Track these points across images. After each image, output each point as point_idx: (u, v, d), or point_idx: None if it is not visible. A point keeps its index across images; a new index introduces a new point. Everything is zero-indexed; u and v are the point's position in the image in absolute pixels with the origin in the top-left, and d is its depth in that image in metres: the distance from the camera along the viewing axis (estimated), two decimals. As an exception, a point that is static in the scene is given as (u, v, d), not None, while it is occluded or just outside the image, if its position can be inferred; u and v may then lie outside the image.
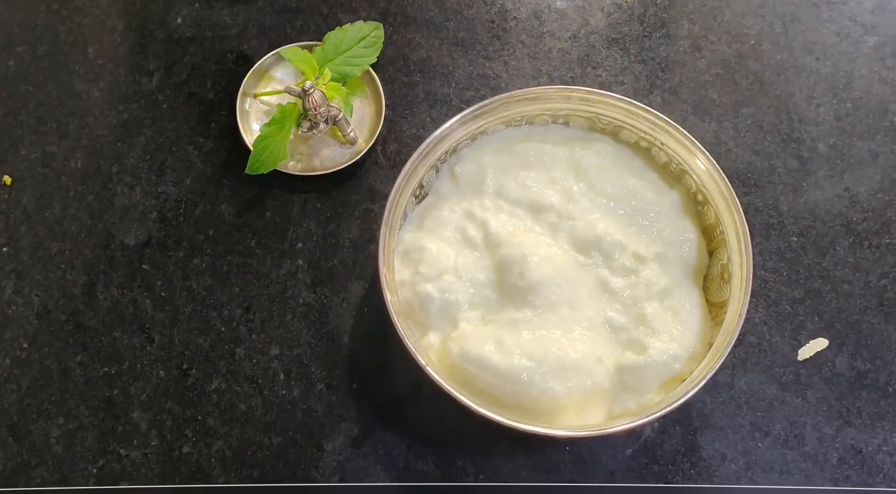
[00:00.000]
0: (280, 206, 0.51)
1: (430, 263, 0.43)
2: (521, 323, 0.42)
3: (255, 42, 0.55)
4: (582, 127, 0.47)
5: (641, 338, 0.42)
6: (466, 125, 0.44)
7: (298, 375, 0.47)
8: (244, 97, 0.53)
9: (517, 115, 0.45)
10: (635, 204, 0.45)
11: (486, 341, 0.41)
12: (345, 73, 0.52)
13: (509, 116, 0.45)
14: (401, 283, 0.43)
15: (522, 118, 0.46)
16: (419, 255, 0.43)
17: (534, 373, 0.40)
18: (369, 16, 0.56)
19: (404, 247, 0.44)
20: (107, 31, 0.56)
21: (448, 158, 0.45)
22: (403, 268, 0.43)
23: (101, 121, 0.53)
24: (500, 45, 0.56)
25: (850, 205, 0.51)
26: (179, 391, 0.47)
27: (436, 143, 0.43)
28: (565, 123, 0.47)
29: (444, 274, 0.43)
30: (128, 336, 0.48)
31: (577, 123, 0.47)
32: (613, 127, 0.46)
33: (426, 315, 0.42)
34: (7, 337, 0.48)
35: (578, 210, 0.44)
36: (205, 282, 0.49)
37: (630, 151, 0.46)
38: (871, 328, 0.48)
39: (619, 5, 0.57)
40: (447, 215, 0.44)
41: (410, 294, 0.42)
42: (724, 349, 0.39)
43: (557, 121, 0.47)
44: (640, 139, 0.46)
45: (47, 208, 0.51)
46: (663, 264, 0.44)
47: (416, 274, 0.43)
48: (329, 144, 0.52)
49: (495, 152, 0.46)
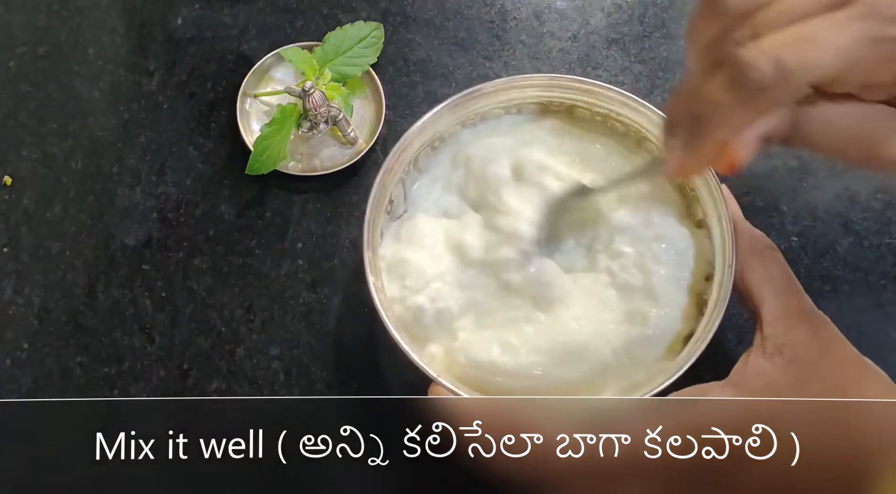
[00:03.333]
0: (280, 206, 0.51)
1: (414, 274, 0.42)
2: (521, 319, 0.42)
3: (255, 42, 0.55)
4: (533, 112, 0.47)
5: (643, 308, 0.42)
6: (425, 132, 0.44)
7: (299, 375, 0.47)
8: (244, 98, 0.53)
9: (471, 113, 0.45)
10: (604, 165, 0.45)
11: (492, 346, 0.41)
12: (345, 73, 0.52)
13: (465, 115, 0.45)
14: (391, 299, 0.42)
15: (476, 116, 0.46)
16: (403, 268, 0.43)
17: (545, 366, 0.40)
18: (369, 16, 0.56)
19: (386, 262, 0.43)
20: (107, 32, 0.56)
21: (411, 170, 0.45)
22: (390, 284, 0.43)
23: (102, 121, 0.53)
24: (500, 45, 0.56)
25: (850, 205, 0.51)
26: (179, 391, 0.47)
27: (398, 155, 0.43)
28: (518, 111, 0.47)
29: (432, 282, 0.42)
30: (128, 337, 0.48)
31: (529, 109, 0.47)
32: (566, 107, 0.46)
33: (422, 327, 0.42)
34: (7, 338, 0.48)
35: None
36: (205, 282, 0.49)
37: (587, 125, 0.46)
38: (871, 328, 0.48)
39: (619, 5, 0.57)
40: (423, 225, 0.44)
41: (402, 309, 0.42)
42: (721, 306, 0.39)
43: (510, 112, 0.46)
44: (594, 114, 0.46)
45: (48, 209, 0.51)
46: (646, 220, 0.44)
47: (404, 288, 0.42)
48: (329, 145, 0.52)
49: (453, 158, 0.46)
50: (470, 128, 0.46)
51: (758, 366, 0.37)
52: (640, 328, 0.41)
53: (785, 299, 0.38)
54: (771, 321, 0.38)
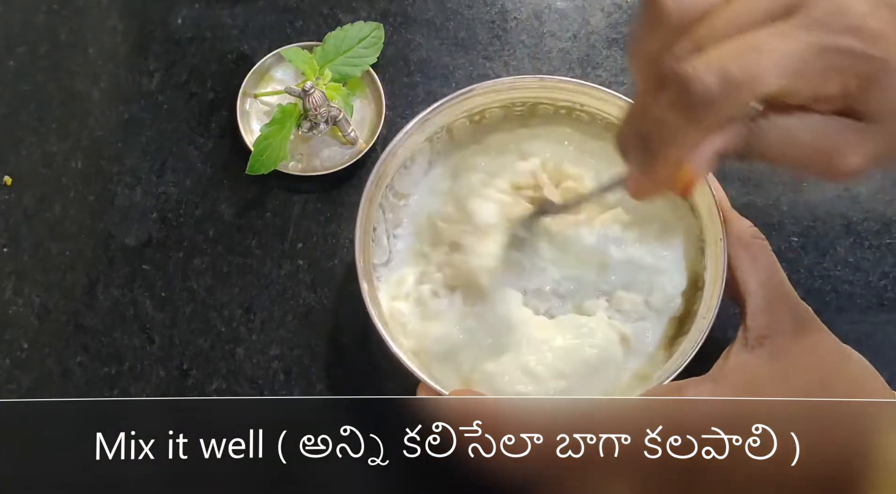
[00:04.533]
0: (280, 206, 0.51)
1: (414, 326, 0.43)
2: (537, 339, 0.41)
3: (256, 42, 0.55)
4: (498, 117, 0.46)
5: (640, 309, 0.42)
6: (395, 156, 0.43)
7: (299, 375, 0.47)
8: (244, 97, 0.53)
9: (437, 128, 0.44)
10: (573, 149, 0.45)
11: (515, 374, 0.40)
12: (345, 73, 0.52)
13: (432, 132, 0.44)
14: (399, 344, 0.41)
15: (441, 128, 0.45)
16: (401, 319, 0.43)
17: (569, 389, 0.40)
18: (369, 16, 0.56)
19: (384, 317, 0.42)
20: (107, 32, 0.56)
21: (389, 195, 0.45)
22: (392, 330, 0.42)
23: (102, 121, 0.53)
24: (501, 45, 0.56)
25: (850, 205, 0.51)
26: (180, 391, 0.47)
27: (375, 182, 0.42)
28: (479, 120, 0.46)
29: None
30: (128, 337, 0.48)
31: (493, 114, 0.46)
32: (528, 107, 0.46)
33: (433, 360, 0.42)
34: (7, 338, 0.48)
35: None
36: (205, 282, 0.49)
37: (548, 120, 0.46)
38: (871, 329, 0.48)
39: (620, 5, 0.57)
40: (406, 276, 0.44)
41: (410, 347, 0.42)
42: (719, 289, 0.39)
43: (474, 119, 0.46)
44: (557, 109, 0.45)
45: (47, 209, 0.51)
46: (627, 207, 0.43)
47: (405, 334, 0.42)
48: (329, 145, 0.52)
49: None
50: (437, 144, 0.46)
51: (739, 360, 0.37)
52: (643, 322, 0.42)
53: (769, 291, 0.38)
54: (755, 312, 0.38)
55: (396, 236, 0.45)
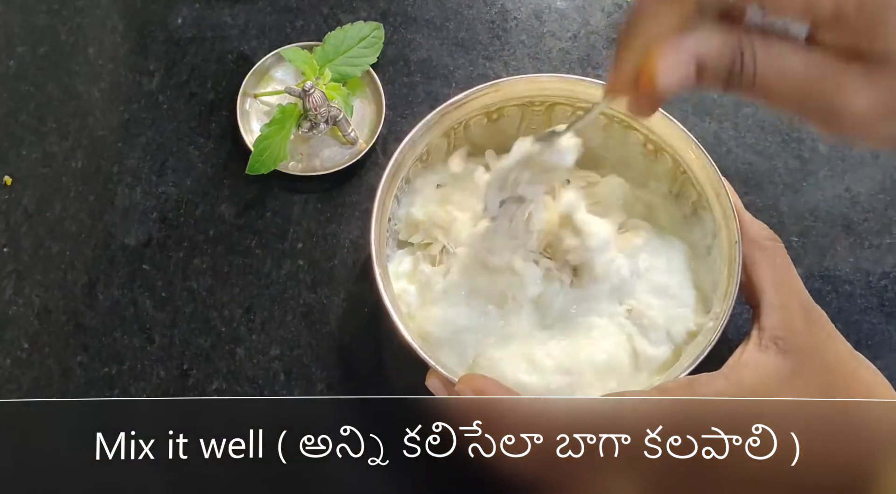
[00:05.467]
0: (280, 206, 0.51)
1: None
2: (542, 333, 0.41)
3: (255, 42, 0.55)
4: (515, 116, 0.46)
5: (661, 336, 0.42)
6: (416, 146, 0.43)
7: (299, 375, 0.47)
8: (244, 97, 0.53)
9: (454, 123, 0.44)
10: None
11: (518, 364, 0.40)
12: (345, 73, 0.52)
13: (449, 126, 0.44)
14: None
15: (459, 123, 0.45)
16: (406, 298, 0.43)
17: (572, 388, 0.40)
18: (369, 16, 0.56)
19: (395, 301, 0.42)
20: (107, 32, 0.56)
21: (404, 186, 0.44)
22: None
23: (102, 121, 0.53)
24: (501, 45, 0.56)
25: (850, 205, 0.51)
26: (180, 391, 0.47)
27: (382, 200, 0.42)
28: (497, 118, 0.46)
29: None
30: (128, 337, 0.48)
31: (511, 112, 0.46)
32: (546, 107, 0.45)
33: (438, 348, 0.42)
34: (7, 337, 0.48)
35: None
36: (205, 282, 0.49)
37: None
38: (871, 329, 0.48)
39: (620, 5, 0.57)
40: (412, 262, 0.44)
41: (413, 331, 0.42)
42: (733, 290, 0.39)
43: (492, 117, 0.46)
44: (575, 109, 0.45)
45: (48, 209, 0.51)
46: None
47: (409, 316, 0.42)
48: (329, 145, 0.52)
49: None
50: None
51: (751, 358, 0.37)
52: (654, 339, 0.42)
53: (784, 292, 0.38)
54: (769, 312, 0.38)
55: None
